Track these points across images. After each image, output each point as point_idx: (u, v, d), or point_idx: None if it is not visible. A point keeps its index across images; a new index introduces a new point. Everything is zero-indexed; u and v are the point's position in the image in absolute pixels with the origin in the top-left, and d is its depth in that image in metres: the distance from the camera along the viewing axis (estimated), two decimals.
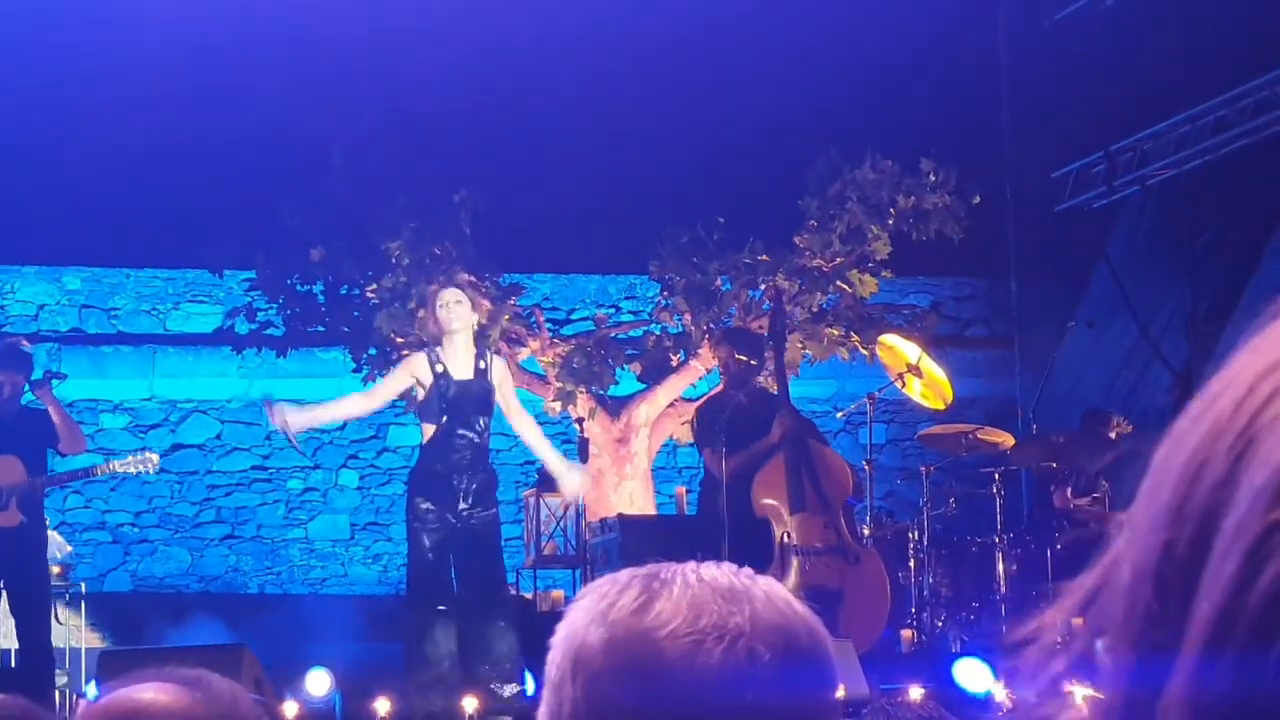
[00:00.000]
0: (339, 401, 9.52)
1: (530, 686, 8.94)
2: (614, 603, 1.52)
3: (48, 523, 10.15)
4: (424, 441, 9.08)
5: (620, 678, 1.50)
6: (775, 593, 1.55)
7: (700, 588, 1.52)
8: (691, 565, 1.55)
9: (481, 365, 8.98)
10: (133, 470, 10.12)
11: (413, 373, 9.06)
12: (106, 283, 16.29)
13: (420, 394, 9.00)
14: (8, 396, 9.83)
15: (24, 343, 10.26)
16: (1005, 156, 15.75)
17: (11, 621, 9.94)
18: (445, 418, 8.88)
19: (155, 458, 10.12)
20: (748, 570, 1.56)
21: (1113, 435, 11.89)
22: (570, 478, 9.31)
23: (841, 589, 9.59)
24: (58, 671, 12.00)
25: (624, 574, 1.56)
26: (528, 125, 14.71)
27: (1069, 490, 11.46)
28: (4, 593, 9.84)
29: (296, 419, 9.09)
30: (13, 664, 9.99)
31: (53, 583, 10.53)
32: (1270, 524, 0.79)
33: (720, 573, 1.54)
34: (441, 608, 8.84)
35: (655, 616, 1.50)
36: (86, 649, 12.35)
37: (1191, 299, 14.15)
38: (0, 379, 9.79)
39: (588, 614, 1.54)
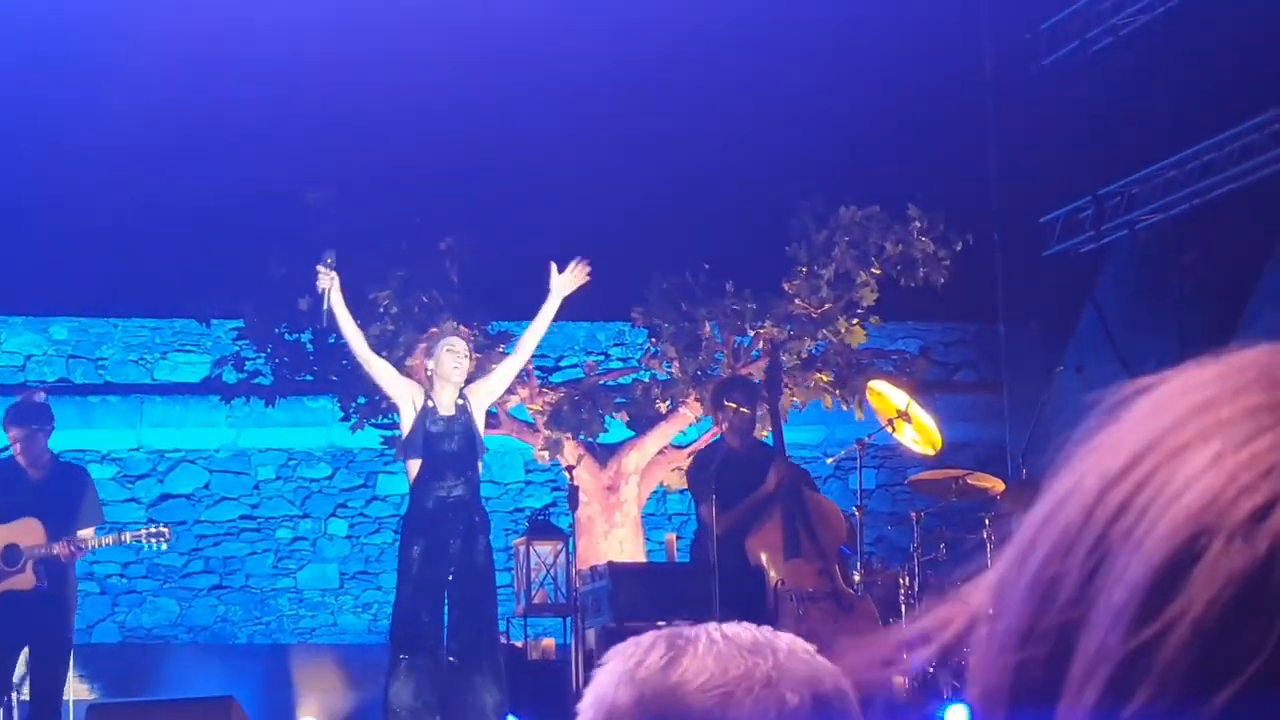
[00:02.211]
0: (356, 328, 9.36)
1: None
2: (641, 661, 1.55)
3: (73, 586, 10.05)
4: (411, 483, 9.06)
5: None
6: (797, 645, 1.57)
7: (724, 644, 1.54)
8: (713, 625, 1.58)
9: (460, 403, 9.00)
10: (145, 543, 10.04)
11: (412, 392, 9.05)
12: (94, 333, 16.27)
13: (408, 419, 8.97)
14: (32, 453, 9.77)
15: (40, 394, 10.22)
16: (993, 202, 15.79)
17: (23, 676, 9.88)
18: (430, 452, 8.86)
19: (168, 533, 10.05)
20: (767, 628, 1.59)
21: None
22: (561, 280, 9.26)
23: (835, 635, 9.57)
24: None
25: (647, 635, 1.60)
26: (514, 172, 14.72)
27: None
28: (29, 652, 9.76)
29: (338, 298, 9.06)
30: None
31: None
32: (1132, 650, 0.73)
33: (742, 629, 1.57)
34: (404, 656, 8.78)
35: (683, 672, 1.52)
36: (75, 701, 12.29)
37: (1179, 344, 14.16)
38: (17, 434, 9.74)
39: (615, 675, 1.56)
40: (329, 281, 9.04)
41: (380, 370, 9.26)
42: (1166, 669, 0.71)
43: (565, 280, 9.26)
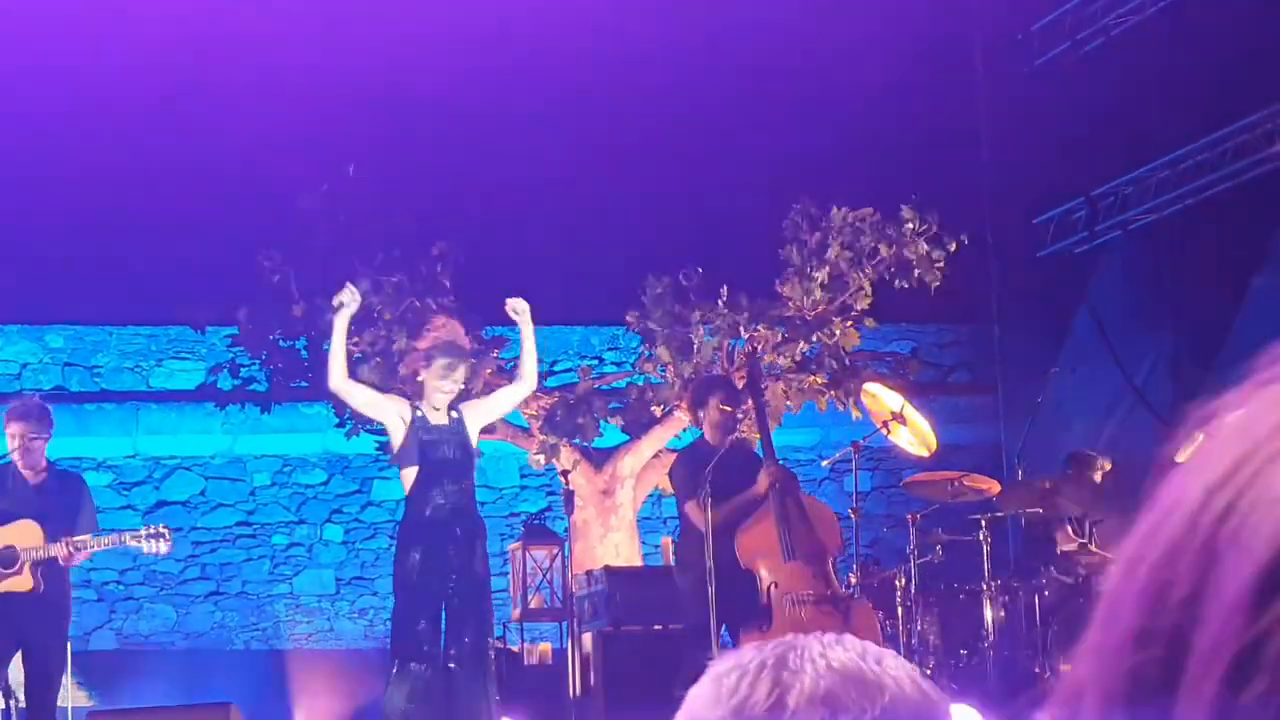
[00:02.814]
0: (344, 357, 9.24)
1: None
2: (746, 698, 1.47)
3: (68, 591, 10.02)
4: (407, 492, 9.03)
5: None
6: (903, 675, 1.52)
7: (831, 677, 1.47)
8: (818, 647, 1.51)
9: (454, 415, 8.98)
10: (144, 548, 9.97)
11: (397, 407, 9.03)
12: (89, 340, 16.24)
13: (399, 432, 8.95)
14: (31, 457, 9.74)
15: (38, 397, 10.21)
16: (986, 203, 15.76)
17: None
18: (424, 464, 8.84)
19: (168, 534, 9.98)
20: (874, 650, 1.53)
21: (1097, 478, 11.86)
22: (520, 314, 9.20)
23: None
24: None
25: (749, 658, 1.52)
26: (507, 177, 14.71)
27: (1070, 529, 11.40)
28: (24, 655, 9.73)
29: (345, 320, 8.97)
30: None
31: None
32: (1246, 644, 0.78)
33: (848, 656, 1.50)
34: (403, 662, 8.76)
35: (792, 715, 1.45)
36: (74, 708, 12.26)
37: (1175, 343, 14.15)
38: (18, 429, 9.70)
39: (716, 708, 1.49)
40: (350, 299, 8.99)
41: (359, 397, 9.24)
42: (1278, 659, 0.77)
43: (521, 312, 9.21)
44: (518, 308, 9.15)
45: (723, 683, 1.50)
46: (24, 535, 9.55)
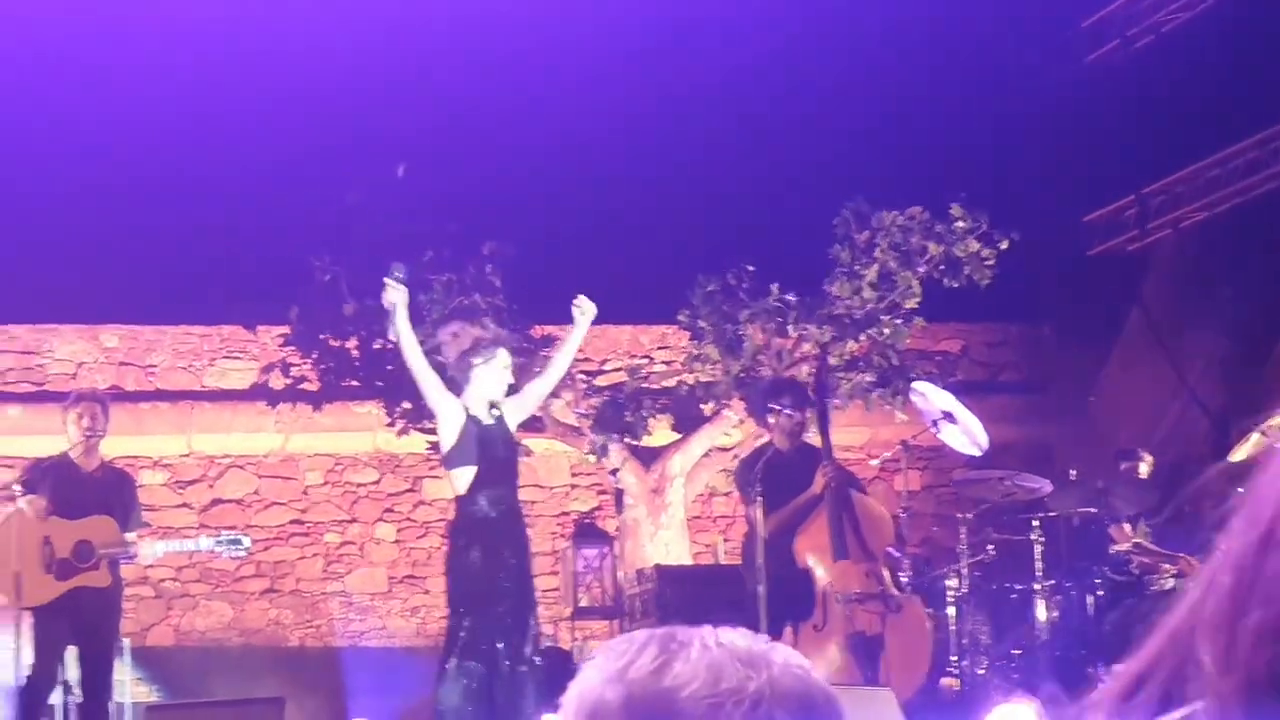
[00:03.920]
0: (417, 344, 9.07)
1: None
2: (632, 661, 1.51)
3: (122, 586, 10.01)
4: (461, 491, 8.95)
5: None
6: (793, 659, 1.53)
7: (719, 651, 1.51)
8: (709, 629, 1.54)
9: (496, 414, 8.90)
10: (224, 553, 9.96)
11: (456, 406, 8.96)
12: (143, 340, 16.26)
13: (454, 431, 8.86)
14: (93, 447, 9.70)
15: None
16: (1036, 201, 15.60)
17: (76, 675, 9.78)
18: (482, 459, 8.78)
19: (246, 543, 9.97)
20: (764, 636, 1.54)
21: (1144, 475, 11.73)
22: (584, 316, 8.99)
23: (883, 636, 9.45)
24: None
25: (640, 634, 1.56)
26: (557, 175, 14.64)
27: (1126, 526, 11.26)
28: (80, 649, 9.68)
29: (404, 313, 8.79)
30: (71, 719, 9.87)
31: None
32: None
33: (738, 637, 1.53)
34: (455, 660, 8.71)
35: (674, 677, 1.49)
36: (132, 703, 12.30)
37: (1227, 342, 13.97)
38: (89, 418, 9.63)
39: (603, 673, 1.52)
40: (398, 296, 8.74)
41: (432, 384, 9.13)
42: None
43: (586, 313, 9.03)
44: (584, 307, 9.02)
45: (613, 651, 1.55)
46: (101, 531, 9.50)
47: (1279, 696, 0.77)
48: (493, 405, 8.89)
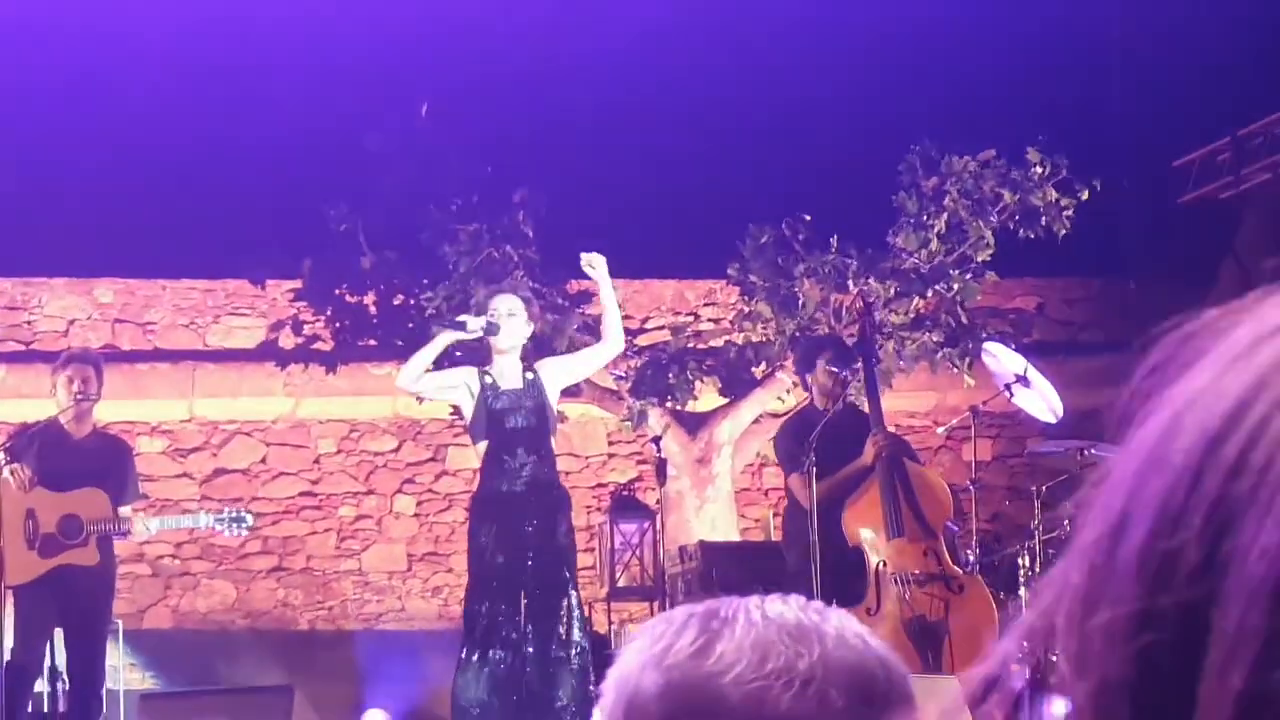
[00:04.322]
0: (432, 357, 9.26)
1: None
2: (670, 645, 1.51)
3: (115, 564, 10.09)
4: (480, 464, 9.05)
5: None
6: (848, 629, 1.53)
7: (765, 626, 1.50)
8: (755, 600, 1.53)
9: (529, 376, 8.93)
10: (226, 532, 10.04)
11: (465, 380, 9.03)
12: (141, 295, 16.37)
13: (469, 405, 8.96)
14: (84, 412, 9.76)
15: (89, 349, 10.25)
16: (1120, 143, 15.62)
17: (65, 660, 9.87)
18: (495, 433, 8.84)
19: (250, 520, 10.06)
20: (817, 604, 1.54)
21: None
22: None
23: (945, 621, 9.52)
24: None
25: (679, 612, 1.55)
26: (595, 117, 14.68)
27: None
28: (66, 632, 9.77)
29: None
30: (61, 708, 9.98)
31: None
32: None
33: (787, 608, 1.52)
34: (476, 648, 8.78)
35: (717, 660, 1.48)
36: (126, 690, 12.42)
37: None
38: (80, 380, 9.68)
39: (641, 657, 1.53)
40: (475, 326, 9.00)
41: (430, 390, 9.28)
42: None
43: (597, 267, 9.11)
44: (593, 262, 9.09)
45: (650, 633, 1.53)
46: (90, 505, 9.54)
47: (1133, 700, 0.77)
48: (528, 366, 8.94)
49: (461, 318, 9.15)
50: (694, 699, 1.47)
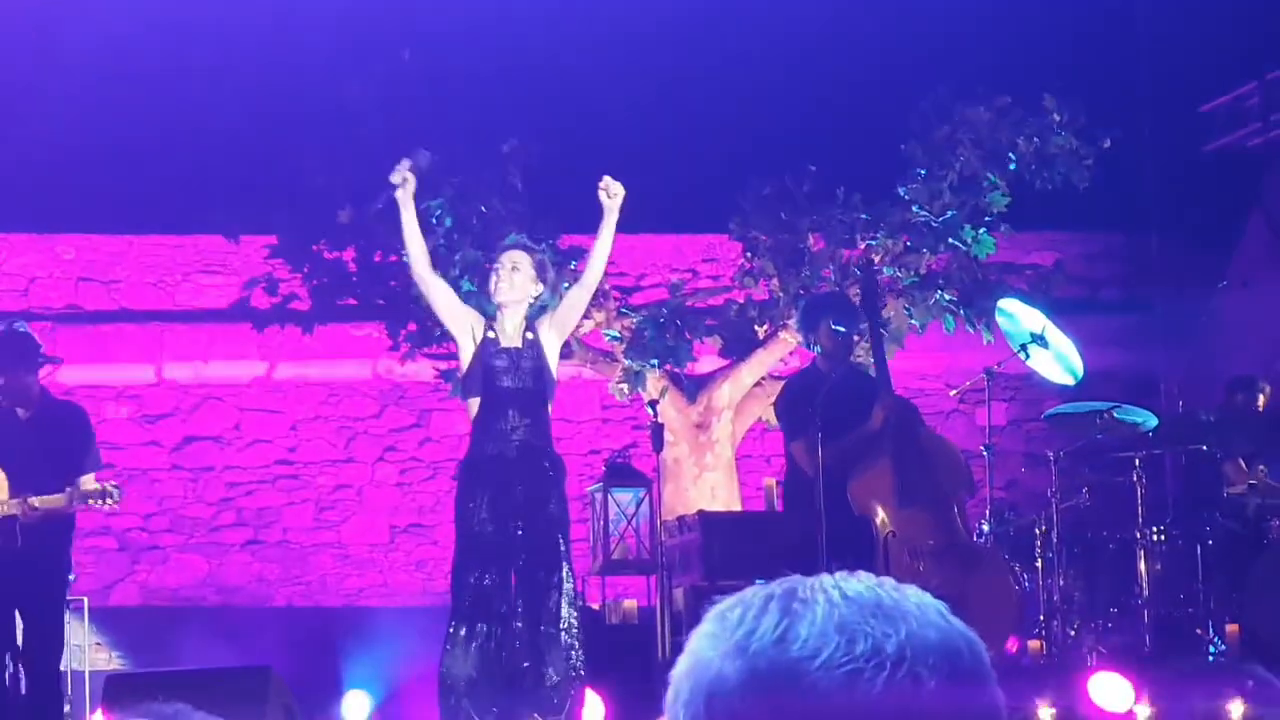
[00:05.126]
0: (421, 241, 9.25)
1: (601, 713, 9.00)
2: (752, 630, 1.52)
3: (65, 544, 10.05)
4: (471, 426, 9.08)
5: (769, 716, 1.49)
6: (928, 606, 1.55)
7: (847, 607, 1.51)
8: (830, 579, 1.55)
9: (529, 336, 8.95)
10: (94, 503, 9.94)
11: (471, 321, 9.03)
12: (105, 251, 16.40)
13: (467, 352, 8.98)
14: (15, 390, 9.75)
15: (19, 324, 10.16)
16: (1143, 89, 15.65)
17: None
18: (489, 392, 8.86)
19: (116, 493, 9.95)
20: (890, 581, 1.56)
21: (1259, 406, 11.83)
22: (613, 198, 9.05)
23: (958, 593, 9.58)
24: None
25: (752, 594, 1.56)
26: (587, 62, 14.68)
27: (1241, 464, 11.34)
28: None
29: (407, 198, 8.96)
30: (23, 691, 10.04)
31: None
32: None
33: (864, 587, 1.54)
34: (464, 623, 8.83)
35: (802, 645, 1.49)
36: (92, 671, 12.47)
37: None
38: None
39: (719, 643, 1.53)
40: (400, 180, 8.93)
41: (438, 293, 9.22)
42: None
43: (615, 196, 9.05)
44: (611, 190, 9.00)
45: (726, 619, 1.55)
46: None
47: None
48: (529, 327, 8.96)
49: (392, 177, 9.07)
50: (782, 686, 1.48)
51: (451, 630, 8.85)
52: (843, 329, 10.04)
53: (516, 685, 8.82)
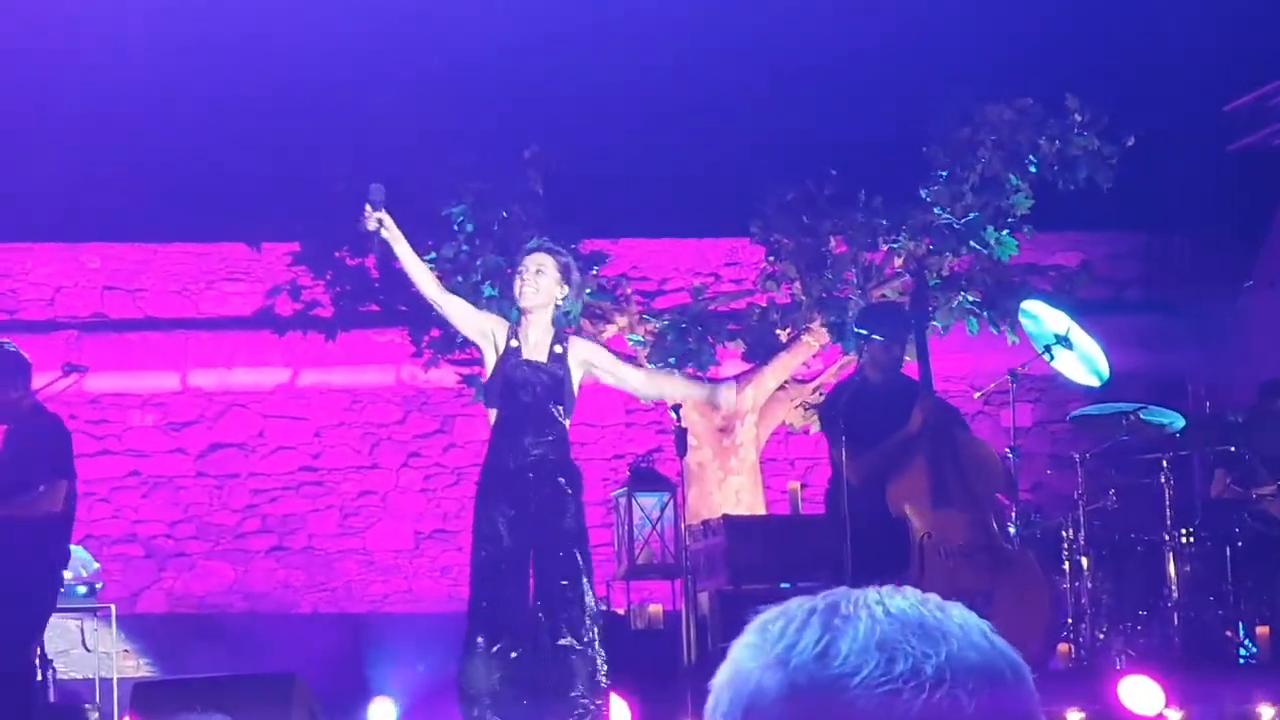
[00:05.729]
0: (422, 266, 9.23)
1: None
2: (793, 644, 1.51)
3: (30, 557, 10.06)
4: (489, 437, 9.04)
5: None
6: (971, 623, 1.54)
7: (889, 624, 1.50)
8: (874, 594, 1.54)
9: (557, 350, 8.86)
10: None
11: (492, 327, 8.98)
12: (130, 260, 16.42)
13: (489, 361, 8.94)
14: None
15: (7, 343, 10.20)
16: (1166, 88, 15.58)
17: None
18: (508, 402, 8.81)
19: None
20: (934, 598, 1.55)
21: None
22: (722, 392, 9.38)
23: (991, 594, 9.55)
24: (87, 706, 12.12)
25: (795, 606, 1.55)
26: (609, 68, 14.66)
27: (1226, 477, 11.37)
28: None
29: (395, 234, 8.89)
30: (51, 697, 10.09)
31: (65, 605, 10.56)
32: None
33: (906, 604, 1.53)
34: (482, 634, 8.79)
35: (843, 662, 1.48)
36: (119, 679, 12.48)
37: None
38: None
39: (759, 655, 1.53)
40: (375, 225, 8.86)
41: (453, 310, 9.18)
42: None
43: (725, 398, 9.43)
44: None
45: (768, 630, 1.54)
46: None
47: None
48: (558, 340, 8.89)
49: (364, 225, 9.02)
50: (821, 703, 1.47)
51: (470, 641, 8.82)
52: (888, 338, 10.02)
53: (541, 696, 8.78)
